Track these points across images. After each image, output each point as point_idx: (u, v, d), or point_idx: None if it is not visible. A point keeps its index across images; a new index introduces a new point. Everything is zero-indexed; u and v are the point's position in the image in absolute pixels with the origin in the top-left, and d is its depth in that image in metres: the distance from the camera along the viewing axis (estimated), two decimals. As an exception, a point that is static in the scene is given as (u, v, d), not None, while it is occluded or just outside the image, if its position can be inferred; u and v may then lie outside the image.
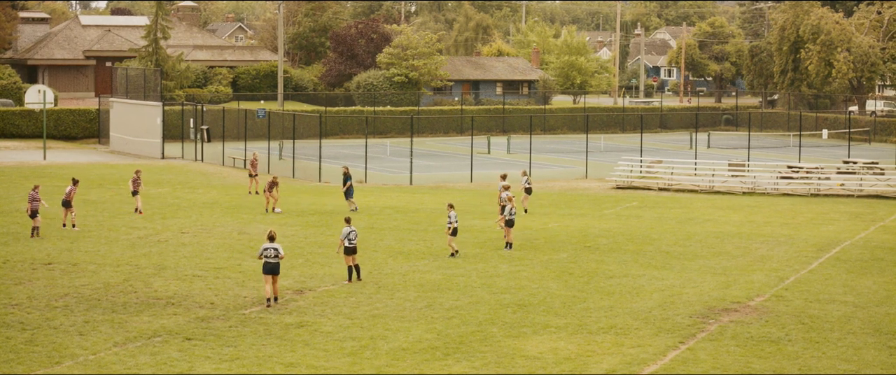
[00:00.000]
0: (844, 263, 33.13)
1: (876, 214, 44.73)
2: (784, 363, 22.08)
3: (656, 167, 57.03)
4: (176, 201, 45.36)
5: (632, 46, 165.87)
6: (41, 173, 54.86)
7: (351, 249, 28.90)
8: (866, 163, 55.77)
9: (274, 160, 61.03)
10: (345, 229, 28.91)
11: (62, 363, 21.32)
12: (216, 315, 25.28)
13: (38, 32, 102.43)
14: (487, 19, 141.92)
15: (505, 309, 26.22)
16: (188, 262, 31.56)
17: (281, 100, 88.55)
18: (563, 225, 40.43)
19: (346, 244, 28.86)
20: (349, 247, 28.87)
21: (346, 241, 28.82)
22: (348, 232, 28.82)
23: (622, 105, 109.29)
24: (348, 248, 28.88)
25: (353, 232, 28.96)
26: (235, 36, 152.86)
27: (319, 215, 41.62)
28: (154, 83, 72.31)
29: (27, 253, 32.53)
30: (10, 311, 25.26)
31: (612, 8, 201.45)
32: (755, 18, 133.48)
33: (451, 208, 33.39)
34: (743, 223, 41.57)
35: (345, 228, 28.95)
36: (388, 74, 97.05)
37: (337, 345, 22.82)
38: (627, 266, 32.15)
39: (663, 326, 24.77)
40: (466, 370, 21.30)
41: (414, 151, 60.91)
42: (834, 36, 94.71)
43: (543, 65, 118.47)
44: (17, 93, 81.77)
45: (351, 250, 28.91)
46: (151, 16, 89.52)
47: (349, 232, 28.83)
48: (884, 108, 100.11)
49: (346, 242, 28.84)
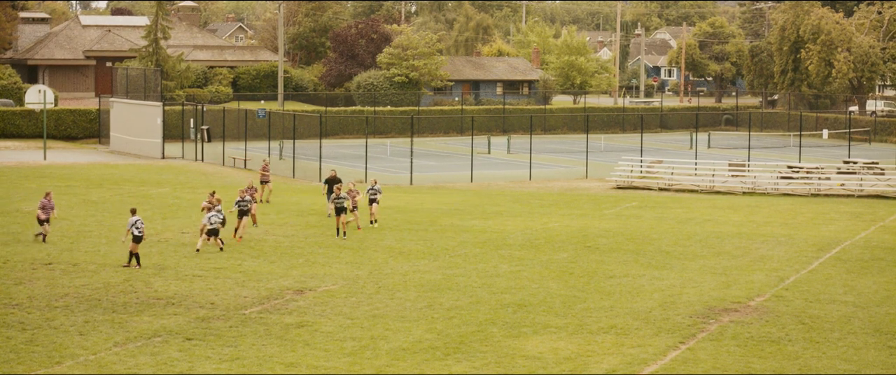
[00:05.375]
0: (845, 263, 33.13)
1: (876, 214, 44.73)
2: (784, 363, 22.09)
3: (656, 167, 57.01)
4: (176, 201, 45.35)
5: (632, 46, 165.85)
6: (41, 173, 54.86)
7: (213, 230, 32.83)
8: (866, 163, 55.75)
9: (274, 160, 61.03)
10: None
11: (62, 363, 21.33)
12: (216, 315, 25.28)
13: (38, 32, 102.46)
14: (487, 19, 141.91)
15: (505, 309, 26.23)
16: (188, 262, 31.56)
17: (281, 100, 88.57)
18: (563, 225, 40.43)
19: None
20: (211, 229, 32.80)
21: (207, 223, 32.71)
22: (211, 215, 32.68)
23: (622, 105, 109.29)
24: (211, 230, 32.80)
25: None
26: (236, 36, 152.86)
27: (319, 215, 41.60)
28: (154, 83, 72.30)
29: (27, 253, 32.54)
30: (11, 311, 25.27)
31: (612, 8, 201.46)
32: (755, 18, 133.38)
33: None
34: (743, 223, 41.57)
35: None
36: (388, 74, 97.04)
37: (337, 345, 22.83)
38: (627, 266, 32.16)
39: (663, 326, 24.77)
40: (466, 370, 21.30)
41: (414, 151, 60.91)
42: (834, 36, 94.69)
43: (544, 66, 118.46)
44: (18, 93, 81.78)
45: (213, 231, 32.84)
46: (152, 16, 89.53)
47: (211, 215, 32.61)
48: (884, 108, 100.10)
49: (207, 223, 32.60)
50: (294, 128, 60.93)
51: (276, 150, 63.55)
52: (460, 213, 43.14)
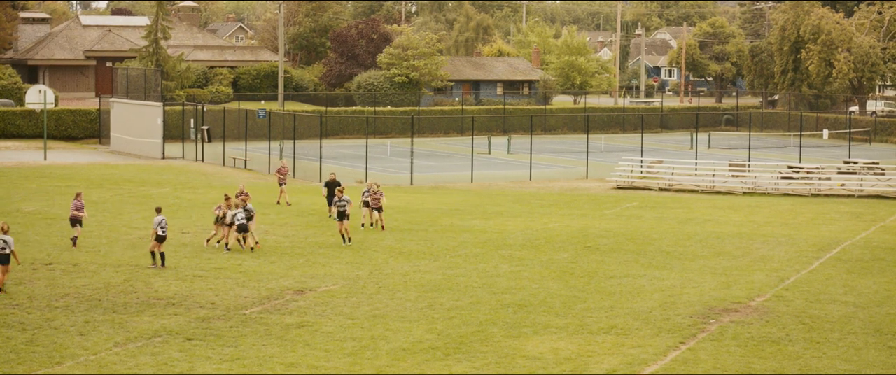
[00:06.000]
0: (845, 263, 33.13)
1: (876, 214, 44.72)
2: (785, 363, 22.08)
3: (657, 167, 57.01)
4: (176, 201, 45.35)
5: (632, 46, 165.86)
6: (41, 173, 54.87)
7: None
8: (867, 163, 55.74)
9: (274, 160, 61.04)
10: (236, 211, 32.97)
11: (63, 363, 21.33)
12: (217, 315, 25.28)
13: (38, 32, 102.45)
14: (488, 19, 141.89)
15: (505, 310, 26.23)
16: (189, 262, 31.56)
17: (281, 100, 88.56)
18: (563, 225, 40.43)
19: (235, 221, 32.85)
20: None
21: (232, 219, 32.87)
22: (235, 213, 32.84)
23: (623, 105, 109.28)
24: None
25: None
26: (236, 36, 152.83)
27: (320, 215, 41.60)
28: (154, 83, 72.30)
29: (28, 253, 32.52)
30: (11, 311, 25.27)
31: (612, 8, 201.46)
32: (756, 18, 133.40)
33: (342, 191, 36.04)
34: (743, 223, 41.56)
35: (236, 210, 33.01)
36: (388, 74, 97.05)
37: (337, 345, 22.83)
38: (628, 266, 32.15)
39: (664, 326, 24.77)
40: (467, 370, 21.30)
41: (414, 151, 60.90)
42: (834, 36, 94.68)
43: (544, 66, 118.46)
44: (18, 94, 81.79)
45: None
46: (152, 16, 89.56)
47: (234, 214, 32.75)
48: (884, 108, 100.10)
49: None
50: (294, 128, 60.92)
51: (276, 150, 63.51)
52: (461, 213, 43.14)
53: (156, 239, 30.55)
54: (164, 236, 30.61)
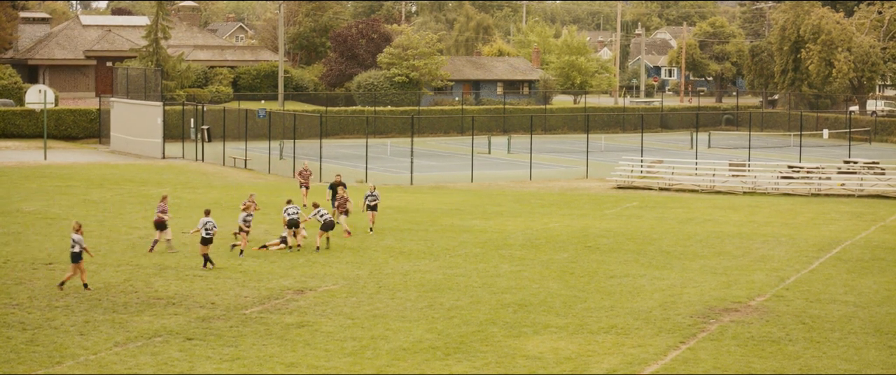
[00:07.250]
0: (845, 263, 33.12)
1: (877, 214, 44.71)
2: (785, 363, 22.08)
3: (657, 167, 57.00)
4: (176, 201, 45.32)
5: (632, 46, 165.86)
6: (42, 173, 54.87)
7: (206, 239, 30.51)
8: (867, 163, 55.74)
9: (274, 160, 61.07)
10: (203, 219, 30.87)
11: (63, 363, 21.33)
12: (217, 315, 25.28)
13: (38, 32, 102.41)
14: (488, 19, 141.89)
15: (505, 309, 26.22)
16: (189, 262, 31.55)
17: (281, 100, 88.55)
18: (563, 224, 40.43)
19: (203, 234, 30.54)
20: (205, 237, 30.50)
21: (202, 230, 30.58)
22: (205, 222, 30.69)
23: (623, 105, 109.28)
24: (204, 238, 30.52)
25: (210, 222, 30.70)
26: (236, 36, 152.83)
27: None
28: (154, 83, 72.30)
29: (28, 252, 32.53)
30: (11, 311, 25.27)
31: (612, 8, 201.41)
32: (756, 18, 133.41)
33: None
34: (743, 223, 41.56)
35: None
36: (388, 74, 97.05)
37: (338, 345, 22.83)
38: (628, 266, 32.15)
39: (664, 326, 24.76)
40: (467, 370, 21.30)
41: (414, 151, 60.90)
42: (834, 36, 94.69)
43: (544, 65, 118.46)
44: (18, 93, 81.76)
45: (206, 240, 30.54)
46: (152, 16, 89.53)
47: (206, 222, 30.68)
48: (884, 108, 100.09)
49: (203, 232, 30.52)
50: (294, 127, 60.92)
51: (276, 150, 63.51)
52: (461, 213, 43.14)
53: (201, 241, 30.48)
54: (209, 238, 30.47)
